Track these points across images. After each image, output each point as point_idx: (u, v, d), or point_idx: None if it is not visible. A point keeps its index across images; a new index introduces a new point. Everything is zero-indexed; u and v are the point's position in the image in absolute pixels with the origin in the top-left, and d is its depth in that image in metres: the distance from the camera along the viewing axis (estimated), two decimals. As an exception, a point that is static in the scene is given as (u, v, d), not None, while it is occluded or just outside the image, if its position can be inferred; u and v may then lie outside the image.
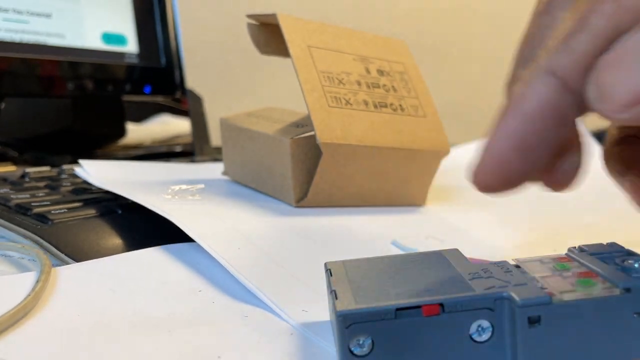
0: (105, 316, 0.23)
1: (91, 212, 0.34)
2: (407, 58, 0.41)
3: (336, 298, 0.18)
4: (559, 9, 0.19)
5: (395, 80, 0.39)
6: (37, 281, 0.24)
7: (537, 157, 0.16)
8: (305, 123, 0.36)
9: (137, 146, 0.68)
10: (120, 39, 0.61)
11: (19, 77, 0.52)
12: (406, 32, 0.77)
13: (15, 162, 0.53)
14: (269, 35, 0.39)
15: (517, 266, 0.20)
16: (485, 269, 0.19)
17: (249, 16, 0.38)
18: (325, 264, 0.21)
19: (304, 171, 0.35)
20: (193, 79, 0.71)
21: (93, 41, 0.58)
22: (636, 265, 0.18)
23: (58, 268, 0.27)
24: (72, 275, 0.26)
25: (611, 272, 0.18)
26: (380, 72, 0.39)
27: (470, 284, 0.18)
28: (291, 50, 0.35)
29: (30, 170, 0.43)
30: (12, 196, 0.36)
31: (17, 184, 0.40)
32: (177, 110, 0.77)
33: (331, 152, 0.34)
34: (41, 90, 0.54)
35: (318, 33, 0.38)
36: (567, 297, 0.17)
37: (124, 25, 0.61)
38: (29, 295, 0.23)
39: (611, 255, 0.20)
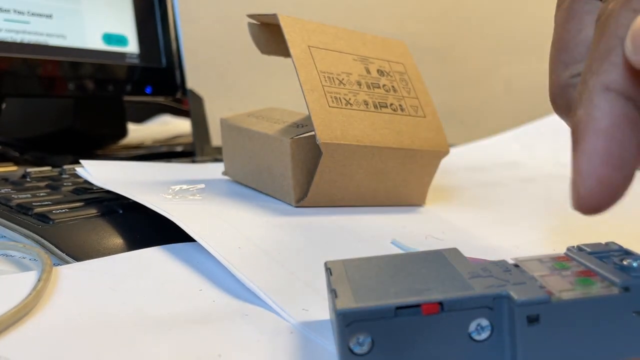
0: (106, 315, 0.23)
1: (92, 212, 0.34)
2: (407, 58, 0.42)
3: (336, 297, 0.18)
4: (584, 13, 0.21)
5: (395, 80, 0.39)
6: (39, 280, 0.24)
7: (629, 164, 0.18)
8: (305, 123, 0.37)
9: (138, 146, 0.68)
10: (121, 40, 0.61)
11: (20, 78, 0.53)
12: (406, 32, 0.77)
13: (16, 162, 0.53)
14: (269, 35, 0.39)
15: (516, 265, 0.20)
16: (485, 268, 0.20)
17: (250, 16, 0.38)
18: (325, 263, 0.21)
19: (304, 171, 0.35)
20: (194, 79, 0.71)
21: (94, 42, 0.58)
22: (635, 264, 0.18)
23: (59, 267, 0.27)
24: (73, 275, 0.27)
25: (610, 271, 0.18)
26: (380, 73, 0.39)
27: (469, 282, 0.18)
28: (291, 50, 0.35)
29: (31, 170, 0.44)
30: (13, 196, 0.36)
31: (18, 184, 0.41)
32: (178, 111, 0.77)
33: (331, 152, 0.34)
34: (42, 90, 0.55)
35: (318, 33, 0.38)
36: (566, 295, 0.17)
37: (125, 25, 0.62)
38: (30, 294, 0.23)
39: (610, 254, 0.20)
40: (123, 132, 0.65)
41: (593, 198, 0.18)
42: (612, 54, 0.18)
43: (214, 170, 0.45)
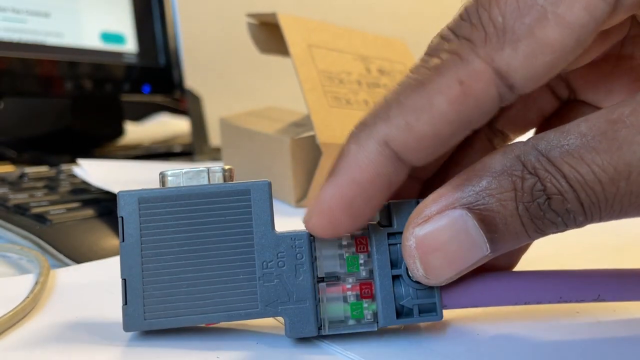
0: (104, 318, 0.22)
1: (90, 212, 0.34)
2: (408, 58, 0.41)
3: None
4: None
5: (396, 79, 0.39)
6: (36, 283, 0.24)
7: (364, 214, 0.17)
8: (305, 123, 0.36)
9: (137, 146, 0.68)
10: (119, 38, 0.60)
11: (18, 77, 0.52)
12: (407, 31, 0.77)
13: (13, 162, 0.53)
14: (269, 34, 0.39)
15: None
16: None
17: (249, 15, 0.38)
18: None
19: (304, 171, 0.35)
20: (192, 79, 0.71)
21: (92, 40, 0.58)
22: None
23: (56, 270, 0.27)
24: (70, 277, 0.26)
25: None
26: (381, 72, 0.39)
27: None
28: (291, 50, 0.35)
29: (28, 170, 0.43)
30: (10, 196, 0.36)
31: (16, 184, 0.40)
32: (176, 110, 0.77)
33: (331, 152, 0.34)
34: (40, 90, 0.54)
35: (318, 32, 0.37)
36: None
37: (123, 24, 0.61)
38: (27, 297, 0.23)
39: None
40: (120, 132, 0.65)
41: (318, 228, 0.18)
42: (414, 114, 0.16)
43: (213, 170, 0.44)
